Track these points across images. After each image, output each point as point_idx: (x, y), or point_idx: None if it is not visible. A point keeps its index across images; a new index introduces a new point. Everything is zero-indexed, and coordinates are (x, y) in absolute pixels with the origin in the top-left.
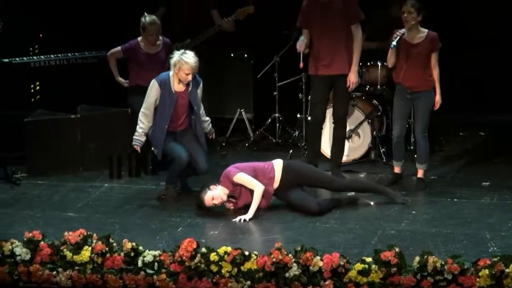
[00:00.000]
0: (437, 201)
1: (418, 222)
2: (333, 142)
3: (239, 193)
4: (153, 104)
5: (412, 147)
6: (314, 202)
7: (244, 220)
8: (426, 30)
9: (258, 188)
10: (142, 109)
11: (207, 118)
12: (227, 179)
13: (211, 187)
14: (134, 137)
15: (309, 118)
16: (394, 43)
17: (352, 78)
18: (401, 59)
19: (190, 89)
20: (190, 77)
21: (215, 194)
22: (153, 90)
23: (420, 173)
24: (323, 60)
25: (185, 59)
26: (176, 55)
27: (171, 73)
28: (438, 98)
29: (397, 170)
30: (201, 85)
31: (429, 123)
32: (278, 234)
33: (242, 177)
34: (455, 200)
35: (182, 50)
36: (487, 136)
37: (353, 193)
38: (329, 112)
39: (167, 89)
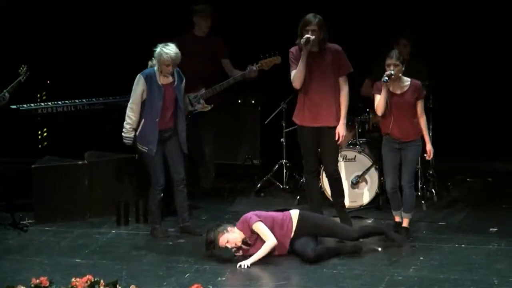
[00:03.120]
0: (444, 247)
1: (426, 268)
2: (331, 194)
3: (254, 241)
4: (140, 98)
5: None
6: (311, 248)
7: (247, 266)
8: (409, 79)
9: (270, 242)
10: (129, 104)
11: None
12: (246, 225)
13: (228, 228)
14: (123, 134)
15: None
16: (385, 77)
17: (341, 131)
18: (388, 110)
19: (175, 83)
20: (170, 69)
21: (231, 238)
22: (140, 83)
23: (405, 222)
24: (309, 112)
25: (166, 50)
26: (158, 47)
27: (156, 67)
28: (429, 146)
29: (397, 219)
30: (184, 80)
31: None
32: (286, 280)
33: (261, 227)
34: (463, 246)
35: (164, 43)
36: (495, 182)
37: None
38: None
39: (154, 82)
